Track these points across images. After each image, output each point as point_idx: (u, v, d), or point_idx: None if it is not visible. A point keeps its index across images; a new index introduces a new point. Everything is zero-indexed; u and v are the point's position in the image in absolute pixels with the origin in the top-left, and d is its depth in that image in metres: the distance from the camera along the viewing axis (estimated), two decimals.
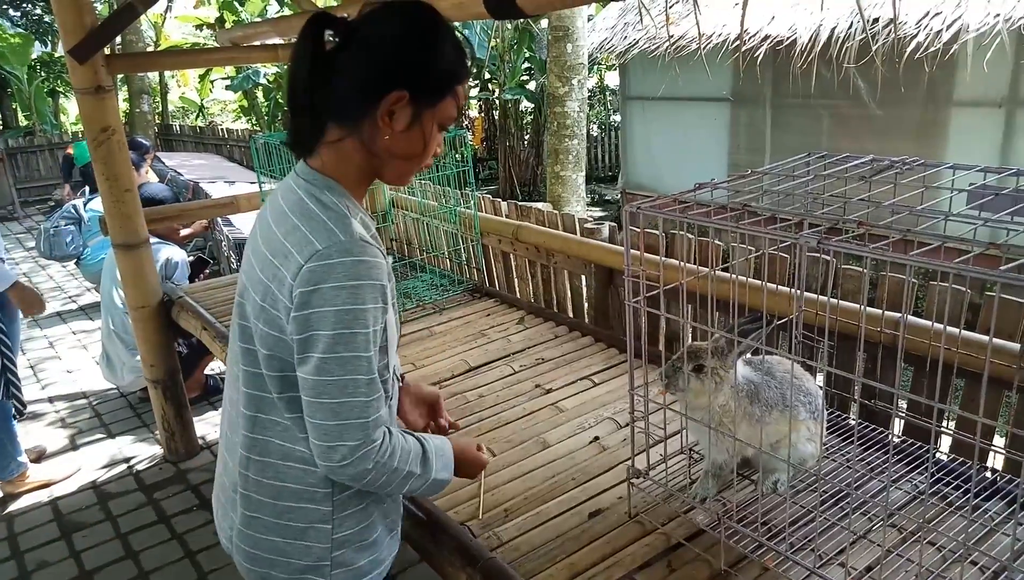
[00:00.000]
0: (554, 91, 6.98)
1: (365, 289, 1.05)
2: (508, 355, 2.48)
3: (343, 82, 1.08)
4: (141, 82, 11.93)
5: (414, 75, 1.08)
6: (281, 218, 1.11)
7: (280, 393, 1.15)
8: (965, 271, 0.92)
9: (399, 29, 1.08)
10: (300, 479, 1.18)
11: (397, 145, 1.12)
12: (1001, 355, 1.53)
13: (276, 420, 1.17)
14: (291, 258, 1.06)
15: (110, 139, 2.87)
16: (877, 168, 1.36)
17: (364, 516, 1.23)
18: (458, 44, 1.12)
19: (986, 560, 1.33)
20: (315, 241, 1.05)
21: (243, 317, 1.18)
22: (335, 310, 1.04)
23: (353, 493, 1.20)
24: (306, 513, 1.19)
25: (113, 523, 2.96)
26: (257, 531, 1.21)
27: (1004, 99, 5.35)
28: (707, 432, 1.42)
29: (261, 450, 1.19)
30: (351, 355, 1.05)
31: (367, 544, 1.23)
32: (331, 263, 1.03)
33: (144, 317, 3.17)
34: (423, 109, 1.10)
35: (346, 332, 1.04)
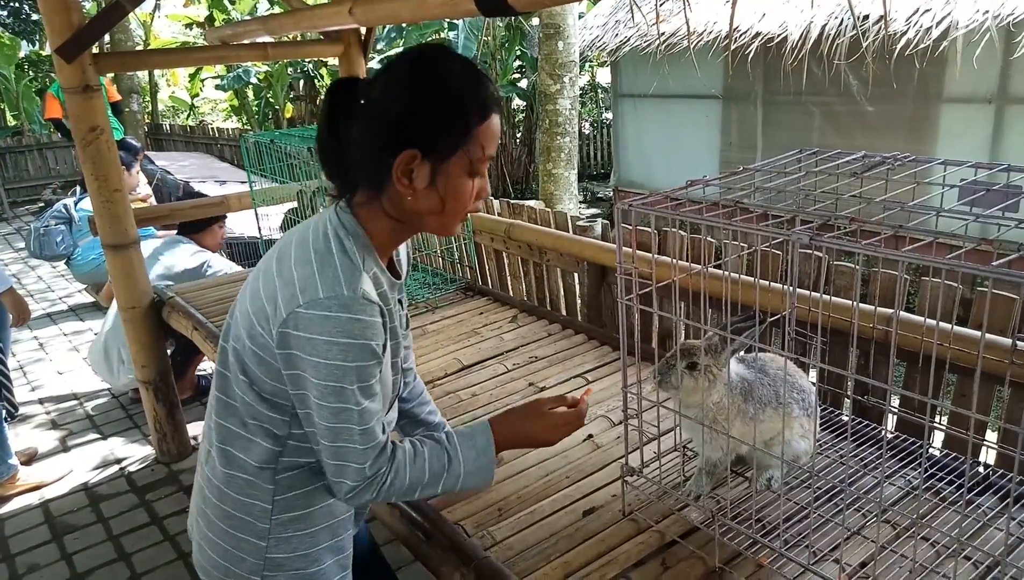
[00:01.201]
0: (546, 89, 6.97)
1: (356, 348, 1.05)
2: (501, 353, 2.48)
3: (359, 150, 1.09)
4: (130, 81, 11.84)
5: (421, 132, 1.06)
6: (302, 245, 1.11)
7: (243, 401, 1.17)
8: (957, 267, 0.92)
9: (402, 87, 1.06)
10: (242, 490, 1.20)
11: (423, 203, 1.10)
12: (993, 350, 1.54)
13: (237, 431, 1.19)
14: (291, 290, 1.06)
15: (98, 139, 2.84)
16: (868, 164, 1.36)
17: (305, 544, 1.22)
18: (471, 79, 1.07)
19: (979, 555, 1.33)
20: (319, 286, 1.05)
21: (231, 316, 1.20)
22: (326, 363, 1.05)
23: (295, 518, 1.21)
24: (244, 524, 1.20)
25: (105, 525, 2.95)
26: (206, 529, 1.25)
27: (993, 95, 5.38)
28: (701, 429, 1.42)
29: (220, 455, 1.21)
30: (341, 407, 1.08)
31: (307, 574, 1.23)
32: (327, 315, 1.04)
33: (135, 318, 3.15)
34: (440, 163, 1.08)
35: (335, 385, 1.06)
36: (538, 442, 1.34)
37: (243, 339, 1.14)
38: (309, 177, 2.84)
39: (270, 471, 1.19)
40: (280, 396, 1.15)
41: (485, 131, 1.08)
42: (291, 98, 13.87)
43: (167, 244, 4.09)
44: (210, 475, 1.23)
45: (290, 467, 1.20)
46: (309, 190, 2.87)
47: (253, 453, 1.18)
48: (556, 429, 1.33)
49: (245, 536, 1.20)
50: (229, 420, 1.20)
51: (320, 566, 1.24)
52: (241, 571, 1.22)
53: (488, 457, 1.25)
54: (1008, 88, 5.32)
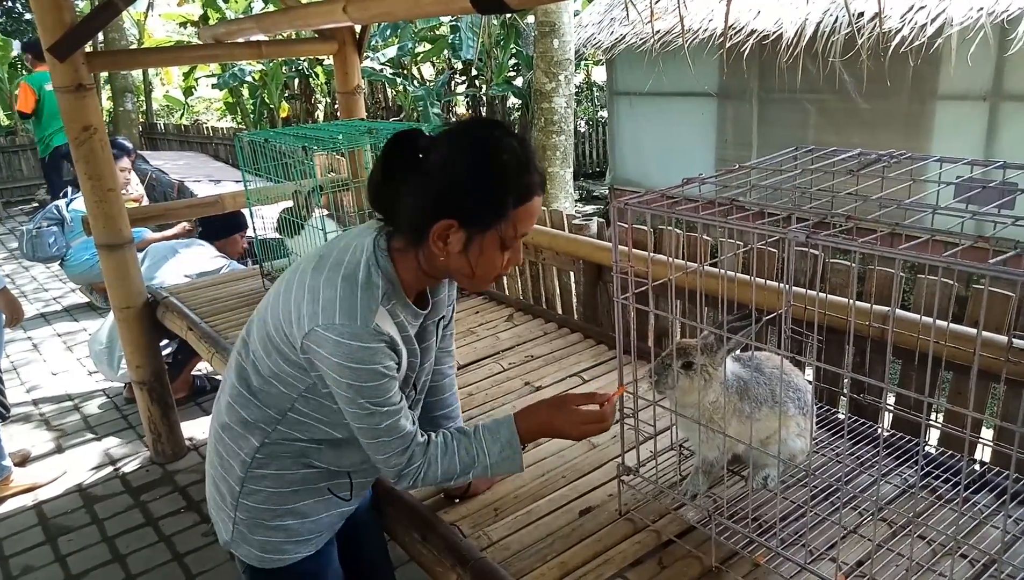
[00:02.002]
0: (541, 87, 6.96)
1: (365, 372, 1.19)
2: (497, 353, 2.47)
3: (408, 203, 1.18)
4: (124, 80, 11.79)
5: (464, 206, 1.16)
6: (336, 268, 1.22)
7: (256, 371, 1.33)
8: (954, 265, 0.92)
9: (456, 161, 1.16)
10: (234, 440, 1.37)
11: (454, 265, 1.22)
12: (989, 348, 1.54)
13: (244, 393, 1.36)
14: (314, 308, 1.18)
15: (91, 138, 2.83)
16: (864, 162, 1.36)
17: (272, 501, 1.38)
18: (519, 165, 1.16)
19: (976, 553, 1.33)
20: (338, 313, 1.17)
21: (267, 297, 1.34)
22: (340, 380, 1.20)
23: (267, 476, 1.37)
24: (228, 468, 1.39)
25: (99, 526, 2.93)
26: (207, 464, 1.48)
27: (988, 92, 5.39)
28: (697, 428, 1.42)
29: (226, 408, 1.40)
30: (361, 413, 1.23)
31: (269, 526, 1.40)
32: (339, 341, 1.16)
33: (129, 318, 3.14)
34: (475, 235, 1.18)
35: (351, 397, 1.21)
36: (563, 436, 1.39)
37: (269, 326, 1.28)
38: (304, 176, 2.83)
39: (260, 433, 1.35)
40: (292, 378, 1.28)
41: (522, 213, 1.19)
42: (286, 97, 13.84)
43: (187, 245, 4.15)
44: (216, 417, 1.43)
45: (281, 438, 1.35)
46: (304, 190, 2.86)
47: (251, 413, 1.35)
48: (580, 426, 1.37)
49: (226, 478, 1.40)
50: (240, 383, 1.36)
51: (282, 522, 1.40)
52: (223, 505, 1.42)
53: (513, 449, 1.35)
54: (1002, 85, 5.33)
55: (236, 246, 4.37)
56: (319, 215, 2.79)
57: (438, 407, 1.65)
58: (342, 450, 1.39)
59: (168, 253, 4.04)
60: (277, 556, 1.42)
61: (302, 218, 2.83)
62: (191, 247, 4.14)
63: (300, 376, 1.28)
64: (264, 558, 1.42)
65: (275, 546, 1.41)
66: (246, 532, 1.40)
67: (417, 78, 12.13)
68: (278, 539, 1.41)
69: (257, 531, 1.40)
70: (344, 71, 3.60)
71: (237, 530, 1.41)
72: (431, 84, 11.40)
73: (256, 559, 1.42)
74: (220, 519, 1.45)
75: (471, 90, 11.92)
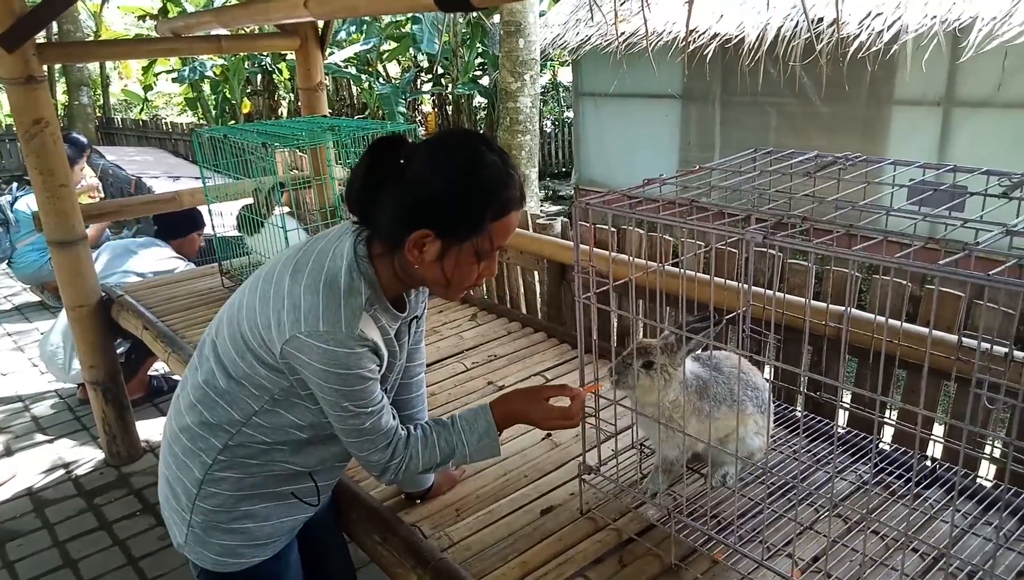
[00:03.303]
0: (506, 86, 6.96)
1: (350, 377, 1.20)
2: (461, 352, 2.46)
3: (387, 210, 1.19)
4: (80, 74, 11.50)
5: (442, 217, 1.16)
6: (316, 273, 1.21)
7: (225, 373, 1.30)
8: (905, 265, 0.94)
9: (436, 173, 1.17)
10: (193, 441, 1.34)
11: (429, 273, 1.23)
12: (941, 347, 1.57)
13: (209, 394, 1.33)
14: (295, 315, 1.18)
15: (43, 132, 2.75)
16: (821, 164, 1.38)
17: (228, 504, 1.36)
18: (499, 181, 1.17)
19: (926, 547, 1.36)
20: (321, 319, 1.17)
21: (241, 293, 1.32)
22: (324, 384, 1.20)
23: (226, 479, 1.34)
24: (185, 468, 1.36)
25: (50, 531, 2.85)
26: (161, 462, 1.44)
27: (941, 98, 5.53)
28: (657, 427, 1.43)
29: (188, 407, 1.36)
30: (345, 414, 1.24)
31: (226, 528, 1.37)
32: (325, 348, 1.17)
33: (82, 317, 3.05)
34: (451, 246, 1.19)
35: (335, 401, 1.22)
36: (534, 425, 1.42)
37: (244, 328, 1.26)
38: (265, 173, 2.78)
39: (224, 434, 1.32)
40: (266, 381, 1.27)
41: (499, 227, 1.20)
42: (249, 93, 13.62)
43: (142, 243, 4.05)
44: (174, 418, 1.39)
45: (245, 440, 1.32)
46: (265, 187, 2.81)
47: (216, 414, 1.32)
48: (550, 420, 1.40)
49: (182, 479, 1.36)
50: (207, 383, 1.33)
51: (240, 524, 1.38)
52: (178, 507, 1.39)
53: (491, 437, 1.38)
54: (955, 91, 5.48)
55: (193, 245, 4.28)
56: (279, 213, 2.75)
57: (405, 407, 1.62)
58: (307, 450, 1.37)
59: (123, 252, 3.95)
60: (232, 560, 1.39)
61: (262, 216, 2.78)
62: (147, 247, 4.04)
63: (276, 379, 1.26)
64: (219, 561, 1.39)
65: (231, 549, 1.38)
66: (201, 535, 1.37)
67: (383, 76, 12.03)
68: (235, 542, 1.38)
69: (213, 534, 1.37)
70: (306, 67, 3.55)
71: (192, 532, 1.37)
72: (397, 82, 11.32)
73: (211, 562, 1.39)
74: (174, 521, 1.41)
75: (437, 89, 11.86)
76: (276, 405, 1.29)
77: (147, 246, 4.05)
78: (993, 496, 1.51)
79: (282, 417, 1.31)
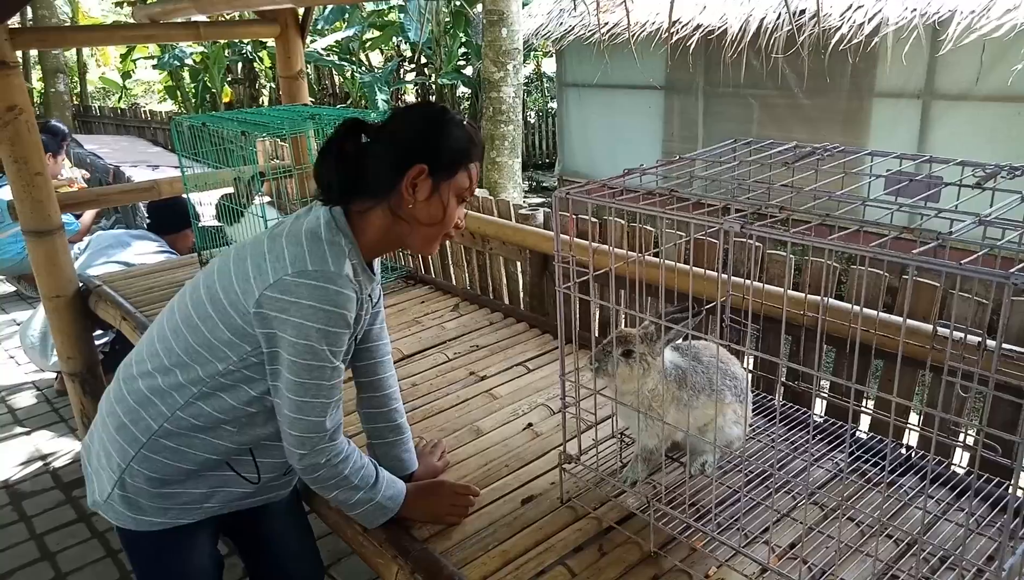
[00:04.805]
0: (489, 76, 6.94)
1: (335, 315, 1.25)
2: (442, 342, 2.46)
3: (375, 164, 1.32)
4: (56, 60, 11.31)
5: (431, 153, 1.31)
6: (293, 234, 1.30)
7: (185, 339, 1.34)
8: (881, 255, 0.94)
9: (417, 121, 1.35)
10: (140, 402, 1.36)
11: (420, 212, 1.34)
12: (916, 336, 1.59)
13: (163, 359, 1.36)
14: (281, 262, 1.25)
15: (17, 119, 2.70)
16: (799, 154, 1.39)
17: (163, 471, 1.38)
18: (467, 131, 1.35)
19: (900, 534, 1.38)
20: (308, 260, 1.25)
21: (206, 271, 1.38)
22: (306, 324, 1.23)
23: (168, 448, 1.36)
24: (123, 429, 1.37)
25: (28, 523, 2.82)
26: (96, 420, 1.45)
27: (921, 91, 5.58)
28: (637, 417, 1.43)
29: (141, 376, 1.38)
30: (315, 364, 1.26)
31: (154, 493, 1.39)
32: (314, 285, 1.23)
33: (59, 307, 3.01)
34: (440, 181, 1.33)
35: (313, 344, 1.24)
36: (435, 519, 1.53)
37: (215, 289, 1.31)
38: (245, 162, 2.76)
39: (172, 402, 1.35)
40: (225, 347, 1.30)
41: (474, 170, 1.38)
42: (229, 81, 13.47)
43: (136, 236, 3.98)
44: (123, 381, 1.41)
45: (192, 413, 1.35)
46: (245, 176, 2.79)
47: (167, 380, 1.35)
48: (442, 509, 1.53)
49: (117, 439, 1.37)
50: (162, 349, 1.36)
51: (170, 490, 1.40)
52: (107, 466, 1.40)
53: (395, 503, 1.47)
54: (934, 84, 5.53)
55: (187, 240, 4.20)
56: (259, 202, 2.73)
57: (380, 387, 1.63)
58: (252, 427, 1.40)
59: (112, 244, 3.88)
60: (158, 520, 1.41)
61: (242, 205, 2.76)
62: (140, 240, 3.98)
63: (237, 344, 1.30)
64: (140, 520, 1.41)
65: (157, 510, 1.40)
66: (130, 496, 1.39)
67: (365, 65, 11.94)
68: (163, 505, 1.40)
69: (142, 495, 1.39)
70: (287, 55, 3.51)
71: (117, 493, 1.39)
72: (379, 71, 11.24)
73: (132, 522, 1.41)
74: (98, 478, 1.43)
75: (420, 78, 11.80)
76: (228, 376, 1.33)
77: (140, 239, 3.98)
78: (965, 483, 1.53)
79: (233, 389, 1.34)
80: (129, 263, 3.73)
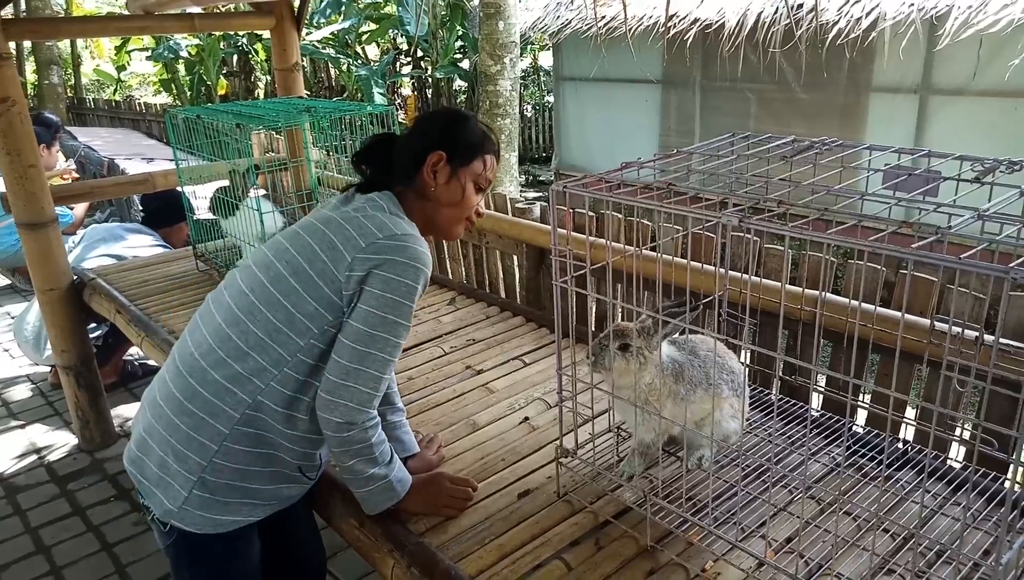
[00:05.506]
0: (486, 69, 6.91)
1: (422, 273, 1.35)
2: (439, 336, 2.45)
3: (402, 154, 1.48)
4: (50, 52, 11.24)
5: (448, 141, 1.46)
6: (362, 208, 1.40)
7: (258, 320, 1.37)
8: (879, 249, 0.94)
9: (438, 118, 1.54)
10: (217, 394, 1.36)
11: (441, 194, 1.47)
12: (913, 331, 1.59)
13: (238, 342, 1.37)
14: (367, 229, 1.34)
15: (10, 111, 2.68)
16: (798, 148, 1.39)
17: (245, 461, 1.39)
18: (484, 130, 1.51)
19: (897, 528, 1.38)
20: (394, 228, 1.36)
21: (272, 253, 1.42)
22: (398, 279, 1.31)
23: (251, 435, 1.37)
24: (202, 424, 1.36)
25: (23, 517, 2.81)
26: (155, 422, 1.40)
27: (918, 86, 5.58)
28: (634, 411, 1.43)
29: (216, 367, 1.37)
30: (393, 319, 1.32)
31: (235, 486, 1.40)
32: (406, 246, 1.34)
33: (53, 300, 3.00)
34: (458, 167, 1.47)
35: (398, 298, 1.32)
36: (433, 511, 1.53)
37: (298, 260, 1.36)
38: (240, 155, 2.74)
39: (254, 388, 1.36)
40: (307, 320, 1.34)
41: (488, 160, 1.51)
42: (225, 74, 13.41)
43: (130, 229, 3.96)
44: (186, 373, 1.39)
45: (273, 399, 1.37)
46: (240, 169, 2.77)
47: (247, 365, 1.35)
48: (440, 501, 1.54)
49: (198, 436, 1.36)
50: (237, 334, 1.37)
51: (250, 485, 1.41)
52: (182, 467, 1.37)
53: (403, 486, 1.47)
54: (931, 79, 5.53)
55: (181, 234, 4.19)
56: (254, 195, 2.71)
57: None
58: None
59: (106, 237, 3.86)
60: (229, 518, 1.41)
61: (237, 198, 2.74)
62: (134, 233, 3.96)
63: (320, 314, 1.34)
64: (217, 521, 1.40)
65: (234, 508, 1.41)
66: (208, 496, 1.37)
67: (362, 58, 11.90)
68: (238, 500, 1.41)
69: (220, 492, 1.38)
70: (282, 47, 3.49)
71: (196, 495, 1.36)
72: (376, 64, 11.20)
73: (210, 524, 1.40)
74: (167, 488, 1.38)
75: (416, 72, 11.76)
76: (309, 352, 1.36)
77: (134, 232, 3.96)
78: (962, 477, 1.53)
79: (312, 369, 1.37)
80: (123, 256, 3.71)
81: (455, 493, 1.55)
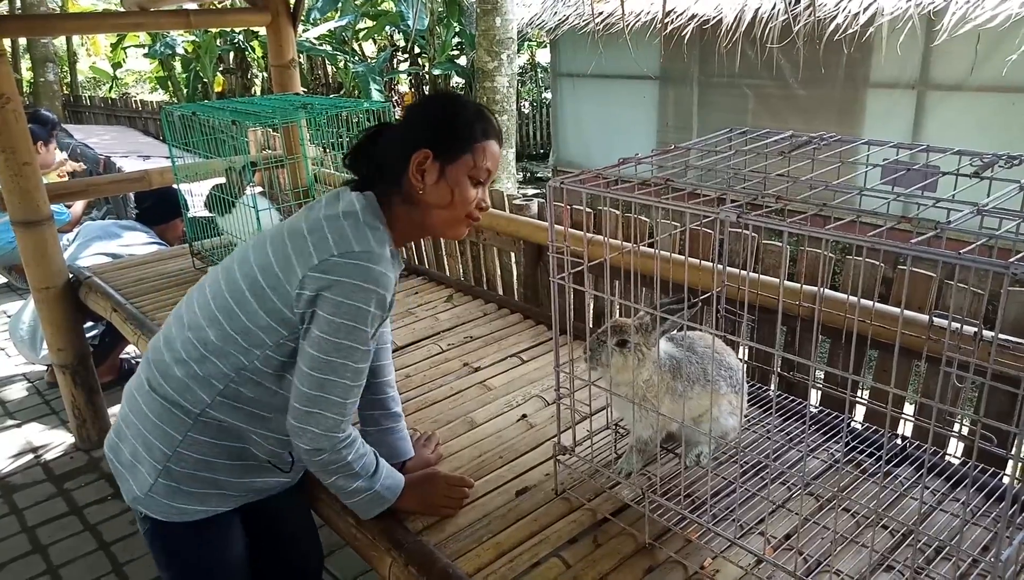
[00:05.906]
0: (483, 65, 6.90)
1: (376, 296, 1.26)
2: (436, 334, 2.45)
3: (388, 151, 1.36)
4: (45, 49, 11.20)
5: (435, 136, 1.33)
6: (332, 217, 1.31)
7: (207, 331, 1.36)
8: (877, 244, 0.93)
9: (424, 107, 1.41)
10: (182, 385, 1.37)
11: (431, 197, 1.35)
12: (912, 326, 1.59)
13: (199, 349, 1.36)
14: (324, 244, 1.26)
15: (4, 108, 2.67)
16: (795, 144, 1.38)
17: (211, 453, 1.40)
18: (477, 112, 1.36)
19: (896, 524, 1.38)
20: (353, 242, 1.26)
21: (236, 256, 1.39)
22: (348, 303, 1.24)
23: (217, 427, 1.38)
24: (168, 415, 1.37)
25: (19, 516, 2.80)
26: (129, 411, 1.43)
27: (916, 81, 5.58)
28: (631, 408, 1.42)
29: (176, 365, 1.38)
30: (348, 344, 1.26)
31: (200, 477, 1.40)
32: (359, 265, 1.25)
33: (49, 298, 2.99)
34: (447, 164, 1.33)
35: (349, 323, 1.25)
36: (429, 510, 1.52)
37: (253, 271, 1.32)
38: (236, 152, 2.73)
39: (211, 389, 1.36)
40: (262, 332, 1.31)
41: (484, 148, 1.35)
42: (221, 70, 13.37)
43: (124, 226, 3.95)
44: (157, 369, 1.40)
45: (232, 396, 1.36)
46: (237, 166, 2.76)
47: (205, 369, 1.35)
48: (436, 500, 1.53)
49: (163, 425, 1.37)
50: (195, 337, 1.36)
51: (218, 476, 1.41)
52: (148, 456, 1.38)
53: (393, 493, 1.46)
54: (929, 74, 5.52)
55: (176, 231, 4.17)
56: (251, 192, 2.70)
57: (378, 374, 1.65)
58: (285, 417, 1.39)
59: (101, 235, 3.85)
60: (196, 508, 1.42)
61: (234, 195, 2.73)
62: (129, 230, 3.95)
63: (274, 329, 1.31)
64: (183, 510, 1.41)
65: (199, 498, 1.41)
66: (173, 485, 1.38)
67: (359, 54, 11.87)
68: (204, 490, 1.41)
69: (184, 482, 1.39)
70: (278, 43, 3.48)
71: (160, 483, 1.38)
72: (373, 61, 11.18)
73: (176, 513, 1.41)
74: (138, 472, 1.40)
75: (414, 68, 11.73)
76: (266, 362, 1.34)
77: (129, 229, 3.95)
78: (961, 473, 1.53)
79: (270, 377, 1.36)
80: (118, 254, 3.70)
81: (451, 492, 1.54)
